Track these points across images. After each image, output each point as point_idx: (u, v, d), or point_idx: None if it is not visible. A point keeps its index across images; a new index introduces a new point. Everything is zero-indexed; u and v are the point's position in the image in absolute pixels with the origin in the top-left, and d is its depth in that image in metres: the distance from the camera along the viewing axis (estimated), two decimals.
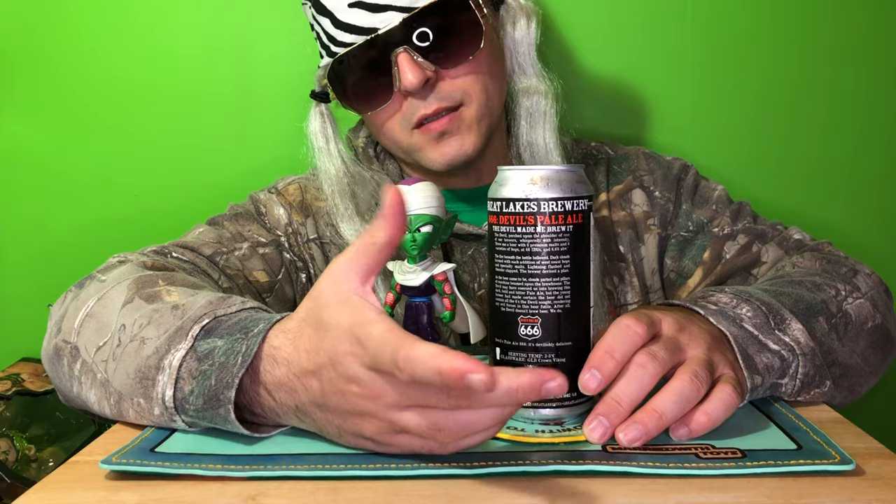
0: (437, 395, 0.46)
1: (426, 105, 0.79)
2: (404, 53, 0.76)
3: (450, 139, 0.80)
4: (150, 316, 0.59)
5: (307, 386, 0.50)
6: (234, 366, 0.52)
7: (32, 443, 1.03)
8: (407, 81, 0.76)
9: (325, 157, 0.86)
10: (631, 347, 0.53)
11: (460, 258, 0.88)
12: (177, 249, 0.78)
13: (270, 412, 0.54)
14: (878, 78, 1.12)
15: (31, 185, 1.16)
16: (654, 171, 0.94)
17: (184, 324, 0.56)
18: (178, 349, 0.55)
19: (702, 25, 1.11)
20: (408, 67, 0.76)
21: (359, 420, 0.49)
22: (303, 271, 0.88)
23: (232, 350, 0.53)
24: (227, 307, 0.58)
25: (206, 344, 0.55)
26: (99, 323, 0.63)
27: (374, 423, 0.49)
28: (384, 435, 0.49)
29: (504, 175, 0.55)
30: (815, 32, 1.11)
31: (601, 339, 0.53)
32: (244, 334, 0.53)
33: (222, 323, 0.56)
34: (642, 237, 0.92)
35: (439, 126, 0.79)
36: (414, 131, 0.81)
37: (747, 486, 0.47)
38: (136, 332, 0.59)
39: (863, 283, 0.75)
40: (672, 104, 1.13)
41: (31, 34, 1.14)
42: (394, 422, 0.48)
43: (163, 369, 0.55)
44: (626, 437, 0.51)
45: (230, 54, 1.13)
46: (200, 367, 0.54)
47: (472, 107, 0.80)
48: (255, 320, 0.55)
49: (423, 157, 0.82)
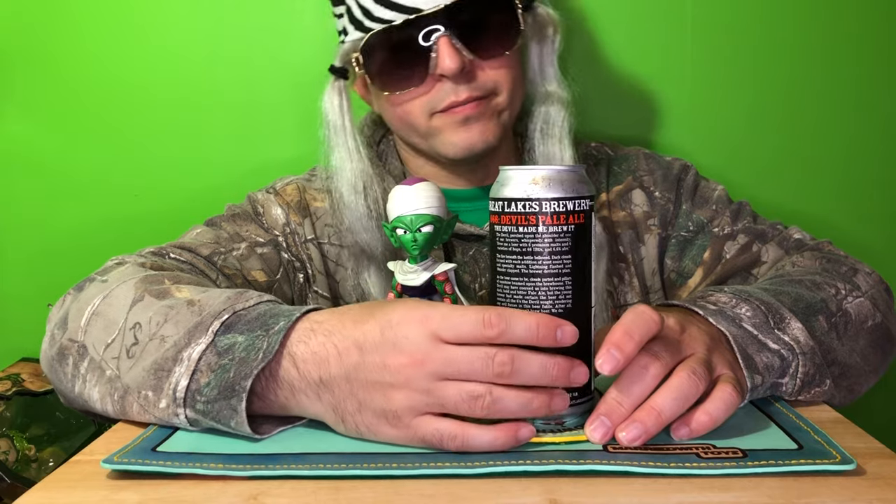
0: (483, 365, 0.49)
1: (457, 92, 0.79)
2: (445, 38, 0.76)
3: (475, 124, 0.80)
4: (166, 313, 0.60)
5: (345, 355, 0.51)
6: (254, 360, 0.53)
7: (32, 443, 1.03)
8: (446, 66, 0.76)
9: (339, 135, 0.85)
10: (648, 332, 0.53)
11: (461, 258, 0.88)
12: (174, 250, 0.78)
13: (285, 391, 0.54)
14: (875, 76, 1.12)
15: (31, 185, 1.16)
16: (654, 171, 0.94)
17: (203, 319, 0.57)
18: (199, 343, 0.56)
19: (701, 26, 1.11)
20: (448, 52, 0.76)
21: (390, 392, 0.50)
22: (300, 271, 0.88)
23: (253, 346, 0.54)
24: (245, 301, 0.58)
25: (227, 339, 0.55)
26: (106, 321, 0.63)
27: (407, 395, 0.50)
28: (410, 413, 0.50)
29: (506, 175, 0.55)
30: (810, 33, 1.11)
31: (618, 322, 0.53)
32: (265, 331, 0.54)
33: (241, 318, 0.56)
34: (642, 237, 0.92)
35: (465, 111, 0.79)
36: (436, 115, 0.80)
37: (748, 485, 0.47)
38: (154, 330, 0.59)
39: (863, 282, 0.75)
40: (671, 105, 1.13)
41: (31, 34, 1.14)
42: (431, 391, 0.49)
43: (180, 361, 0.55)
44: (627, 437, 0.51)
45: (230, 55, 1.13)
46: (220, 361, 0.54)
47: (501, 97, 0.81)
48: (275, 315, 0.55)
49: (442, 140, 0.82)
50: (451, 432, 0.50)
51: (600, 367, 0.51)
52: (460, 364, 0.49)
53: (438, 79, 0.79)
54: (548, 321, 0.50)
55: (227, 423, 0.53)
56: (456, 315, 0.50)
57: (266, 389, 0.54)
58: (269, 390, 0.54)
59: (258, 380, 0.54)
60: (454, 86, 0.78)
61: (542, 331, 0.50)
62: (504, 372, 0.49)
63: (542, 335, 0.50)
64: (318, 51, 1.11)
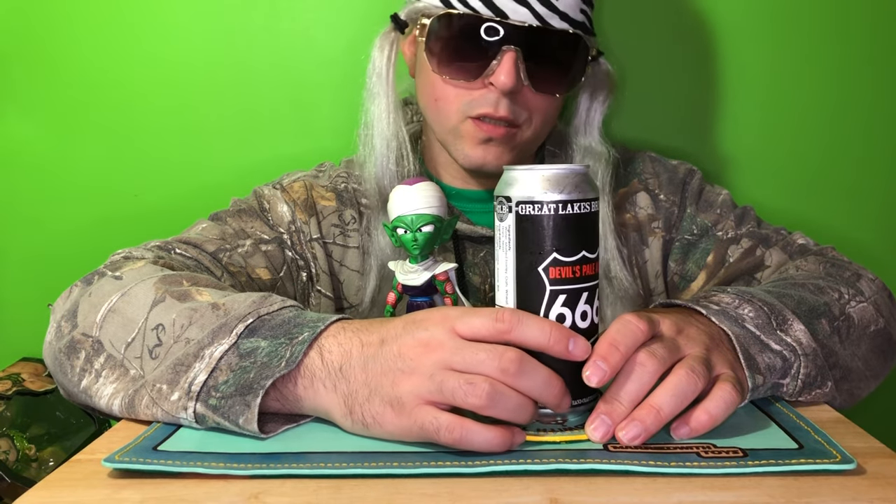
0: (490, 357, 0.50)
1: (497, 107, 0.78)
2: (512, 53, 0.76)
3: (494, 148, 0.81)
4: (190, 316, 0.60)
5: (367, 347, 0.53)
6: (276, 367, 0.54)
7: (32, 443, 1.03)
8: (501, 81, 0.76)
9: (381, 83, 0.85)
10: (634, 342, 0.53)
11: (472, 260, 0.88)
12: (180, 245, 0.78)
13: (306, 380, 0.54)
14: (882, 83, 1.12)
15: (31, 185, 1.16)
16: (659, 174, 0.94)
17: (228, 321, 0.58)
18: (221, 343, 0.56)
19: (704, 31, 1.11)
20: (508, 68, 0.76)
21: (400, 377, 0.51)
22: (304, 270, 0.88)
23: (276, 353, 0.54)
24: (269, 306, 0.59)
25: (250, 343, 0.56)
26: (124, 319, 0.63)
27: (413, 381, 0.50)
28: (414, 399, 0.50)
29: (510, 175, 0.55)
30: (817, 39, 1.11)
31: (604, 334, 0.54)
32: (288, 339, 0.55)
33: (265, 323, 0.57)
34: (646, 240, 0.92)
35: (492, 132, 0.80)
36: (468, 119, 0.80)
37: (748, 485, 0.47)
38: (178, 332, 0.59)
39: (866, 288, 0.75)
40: (677, 109, 1.13)
41: (32, 35, 1.14)
42: (433, 376, 0.50)
43: (202, 358, 0.56)
44: (626, 436, 0.51)
45: (230, 55, 1.13)
46: (241, 363, 0.55)
47: (527, 132, 0.82)
48: (300, 325, 0.56)
49: (460, 146, 0.82)
50: (449, 423, 0.49)
51: (587, 379, 0.52)
52: (467, 353, 0.50)
53: (487, 86, 0.79)
54: (562, 329, 0.52)
55: (235, 420, 0.54)
56: (473, 312, 0.52)
57: (286, 380, 0.55)
58: (290, 380, 0.55)
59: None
60: (498, 98, 0.78)
61: (555, 337, 0.51)
62: (510, 369, 0.49)
63: (554, 341, 0.51)
64: (320, 52, 1.12)
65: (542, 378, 0.51)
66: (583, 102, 0.88)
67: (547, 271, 0.53)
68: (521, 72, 0.77)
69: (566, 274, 0.53)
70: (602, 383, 0.52)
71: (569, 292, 0.53)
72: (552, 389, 0.51)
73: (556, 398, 0.51)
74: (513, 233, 0.54)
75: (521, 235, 0.54)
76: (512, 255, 0.54)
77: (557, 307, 0.53)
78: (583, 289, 0.54)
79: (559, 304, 0.53)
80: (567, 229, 0.53)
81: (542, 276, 0.53)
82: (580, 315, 0.54)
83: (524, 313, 0.52)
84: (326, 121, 1.13)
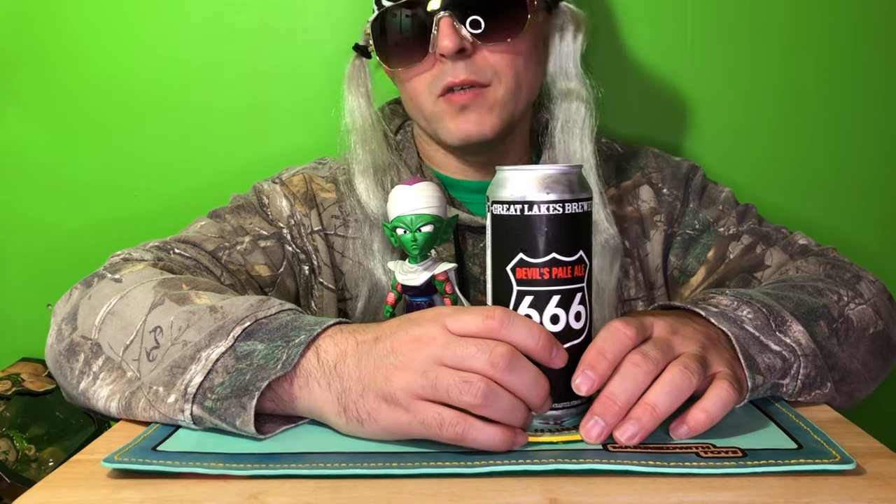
0: (480, 351, 0.50)
1: (455, 73, 0.79)
2: (447, 18, 0.77)
3: (470, 114, 0.81)
4: (188, 319, 0.60)
5: (362, 345, 0.54)
6: (272, 369, 0.54)
7: (32, 443, 1.03)
8: (442, 46, 0.77)
9: (355, 97, 0.88)
10: (621, 349, 0.53)
11: (472, 250, 0.88)
12: (179, 245, 0.78)
13: (301, 379, 0.54)
14: (886, 83, 1.12)
15: (31, 185, 1.16)
16: (662, 169, 0.95)
17: (225, 324, 0.58)
18: (218, 346, 0.56)
19: (704, 30, 1.11)
20: (447, 32, 0.77)
21: (392, 372, 0.51)
22: (305, 263, 0.88)
23: (272, 356, 0.55)
24: (266, 310, 0.59)
25: (246, 346, 0.56)
26: (123, 321, 0.63)
27: (405, 376, 0.51)
28: (407, 395, 0.50)
29: (503, 175, 0.55)
30: (821, 38, 1.11)
31: (592, 342, 0.54)
32: (285, 342, 0.55)
33: (263, 326, 0.57)
34: (648, 233, 0.92)
35: (462, 99, 0.80)
36: (439, 99, 0.81)
37: (748, 485, 0.47)
38: (175, 335, 0.60)
39: (866, 290, 0.75)
40: (679, 106, 1.13)
41: (31, 34, 1.14)
42: (427, 373, 0.50)
43: (198, 360, 0.56)
44: (624, 435, 0.51)
45: (230, 55, 1.13)
46: (237, 365, 0.55)
47: (499, 89, 0.81)
48: (297, 328, 0.56)
49: (443, 126, 0.82)
50: (452, 419, 0.49)
51: (577, 388, 0.52)
52: (457, 347, 0.50)
53: (439, 58, 0.80)
54: (550, 337, 0.52)
55: (232, 421, 0.54)
56: (465, 309, 0.52)
57: (282, 380, 0.55)
58: (285, 380, 0.55)
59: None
60: (452, 65, 0.79)
61: (542, 342, 0.51)
62: (499, 364, 0.49)
63: (542, 346, 0.51)
64: (319, 50, 1.12)
65: (530, 376, 0.51)
66: (554, 47, 0.87)
67: (514, 271, 0.53)
68: (461, 31, 0.78)
69: (533, 275, 0.53)
70: (591, 392, 0.53)
71: (536, 294, 0.53)
72: (539, 389, 0.51)
73: (540, 399, 0.52)
74: (489, 232, 0.55)
75: (494, 235, 0.55)
76: (490, 254, 0.55)
77: (524, 308, 0.53)
78: (553, 291, 0.53)
79: (525, 306, 0.53)
80: (534, 230, 0.53)
81: (509, 276, 0.54)
82: (549, 318, 0.53)
83: (515, 313, 0.52)
84: (326, 119, 1.12)
